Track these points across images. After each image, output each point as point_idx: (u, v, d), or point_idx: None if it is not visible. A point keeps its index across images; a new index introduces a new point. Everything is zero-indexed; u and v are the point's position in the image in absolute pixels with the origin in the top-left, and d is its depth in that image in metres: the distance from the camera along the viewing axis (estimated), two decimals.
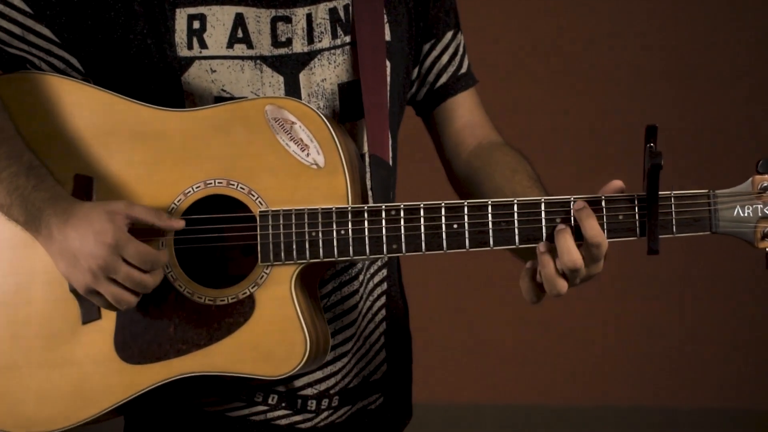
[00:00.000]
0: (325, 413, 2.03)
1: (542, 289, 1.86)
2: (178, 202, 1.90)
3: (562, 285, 1.83)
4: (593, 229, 1.81)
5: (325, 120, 1.89)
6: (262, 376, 1.88)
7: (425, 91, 2.12)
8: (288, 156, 1.89)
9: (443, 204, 1.86)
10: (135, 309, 1.89)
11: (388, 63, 2.02)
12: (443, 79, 2.11)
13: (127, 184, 1.91)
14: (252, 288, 1.89)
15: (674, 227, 1.83)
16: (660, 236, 1.81)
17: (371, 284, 2.06)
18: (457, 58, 2.12)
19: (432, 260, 2.07)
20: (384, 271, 2.08)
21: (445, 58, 2.10)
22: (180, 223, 1.87)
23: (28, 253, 1.91)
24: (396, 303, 2.11)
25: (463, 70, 2.12)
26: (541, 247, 1.83)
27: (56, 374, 1.91)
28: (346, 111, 2.00)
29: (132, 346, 1.90)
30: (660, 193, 1.81)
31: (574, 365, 4.80)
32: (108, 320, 1.91)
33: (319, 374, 2.02)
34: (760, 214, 1.82)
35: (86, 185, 1.91)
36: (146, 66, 1.95)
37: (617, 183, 1.85)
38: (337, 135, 1.90)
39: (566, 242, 1.81)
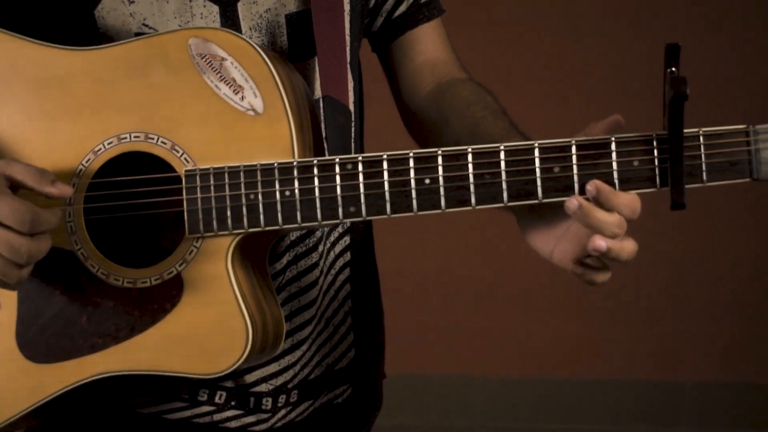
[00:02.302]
0: (283, 411, 1.84)
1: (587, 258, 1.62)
2: (87, 162, 1.69)
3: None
4: (633, 201, 1.58)
5: (263, 54, 1.67)
6: (195, 375, 1.67)
7: (381, 21, 1.92)
8: (218, 100, 1.68)
9: (411, 154, 1.63)
10: (39, 296, 1.69)
11: None
12: (402, 8, 1.92)
13: (27, 142, 1.71)
14: (179, 266, 1.67)
15: (704, 174, 1.58)
16: (687, 186, 1.57)
17: (332, 255, 1.87)
18: None
19: (407, 221, 1.86)
20: (346, 239, 1.89)
21: None
22: (66, 191, 1.64)
23: None
24: (363, 276, 1.93)
25: None
26: (572, 204, 1.57)
27: None
28: (297, 47, 1.80)
29: (37, 342, 1.70)
30: (685, 131, 1.56)
31: (556, 337, 4.71)
32: (7, 311, 1.70)
33: (274, 366, 1.83)
34: None
35: None
36: (52, 1, 1.73)
37: (615, 118, 1.62)
38: (279, 73, 1.68)
39: (597, 214, 1.58)
